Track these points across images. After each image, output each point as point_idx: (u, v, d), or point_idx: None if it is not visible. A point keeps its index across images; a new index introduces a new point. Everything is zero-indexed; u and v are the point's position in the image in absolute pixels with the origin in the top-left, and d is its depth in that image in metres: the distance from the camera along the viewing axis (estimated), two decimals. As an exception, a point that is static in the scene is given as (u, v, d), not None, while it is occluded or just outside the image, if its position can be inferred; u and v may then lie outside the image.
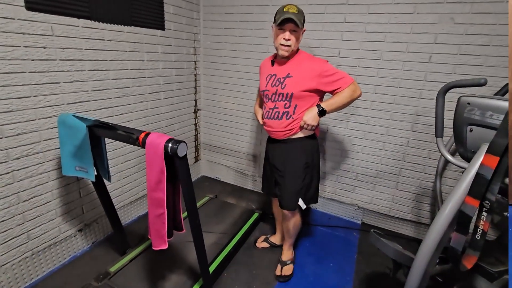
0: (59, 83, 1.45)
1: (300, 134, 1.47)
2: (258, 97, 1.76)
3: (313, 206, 2.42)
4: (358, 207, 2.23)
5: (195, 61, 2.45)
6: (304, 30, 1.41)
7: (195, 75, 2.49)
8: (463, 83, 1.01)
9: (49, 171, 1.49)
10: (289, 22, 1.32)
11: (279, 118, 1.45)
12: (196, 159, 2.78)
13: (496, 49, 1.60)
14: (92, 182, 1.39)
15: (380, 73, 1.90)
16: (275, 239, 1.91)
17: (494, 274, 1.21)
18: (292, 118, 1.43)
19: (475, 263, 0.98)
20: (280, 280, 1.64)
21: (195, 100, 2.57)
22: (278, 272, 1.67)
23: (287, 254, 1.74)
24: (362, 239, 2.04)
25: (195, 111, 2.61)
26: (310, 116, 1.39)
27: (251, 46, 2.27)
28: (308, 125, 1.39)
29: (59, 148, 1.45)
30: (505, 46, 1.58)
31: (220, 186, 2.71)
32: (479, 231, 0.94)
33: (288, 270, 1.68)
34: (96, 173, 1.31)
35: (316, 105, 1.41)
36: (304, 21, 1.37)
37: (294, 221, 1.59)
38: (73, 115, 1.20)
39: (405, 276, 1.09)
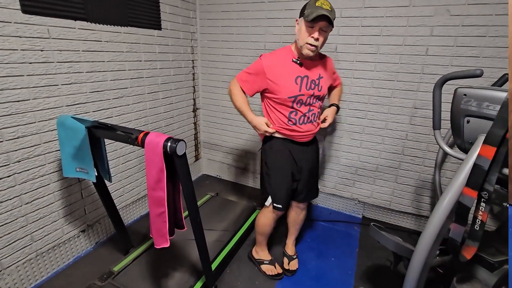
0: (57, 85, 1.45)
1: None
2: (247, 105, 1.38)
3: (314, 201, 2.43)
4: (359, 201, 2.24)
5: (193, 60, 2.45)
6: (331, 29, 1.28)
7: (193, 74, 2.50)
8: (459, 74, 1.01)
9: (50, 173, 1.50)
10: (323, 20, 1.17)
11: (314, 120, 1.41)
12: (197, 157, 2.79)
13: (492, 40, 1.59)
14: (93, 183, 1.40)
15: (378, 67, 1.90)
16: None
17: (494, 264, 1.22)
18: (319, 117, 1.47)
19: (474, 253, 0.99)
20: (288, 274, 1.65)
21: (194, 99, 2.58)
22: (286, 266, 1.69)
23: (292, 248, 1.77)
24: (363, 233, 2.05)
25: (194, 110, 2.61)
26: (333, 115, 1.49)
27: (248, 44, 2.27)
28: (330, 124, 1.47)
29: (59, 150, 1.46)
30: (501, 36, 1.57)
31: (221, 184, 2.72)
32: (478, 221, 0.95)
33: (294, 264, 1.70)
34: (96, 174, 1.32)
35: (334, 105, 1.52)
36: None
37: (305, 212, 1.68)
38: (72, 117, 1.20)
39: (406, 268, 1.10)
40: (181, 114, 2.44)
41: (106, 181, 1.45)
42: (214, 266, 1.59)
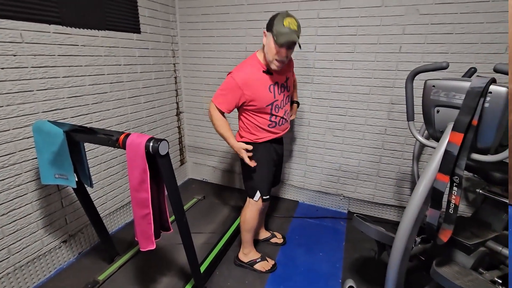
0: (33, 91, 1.41)
1: None
2: (229, 131, 1.41)
3: (300, 199, 2.46)
4: (344, 196, 2.29)
5: (174, 64, 2.44)
6: None
7: (175, 77, 2.48)
8: (428, 67, 1.07)
9: (27, 182, 1.45)
10: (293, 44, 1.26)
11: (289, 118, 1.57)
12: (182, 162, 2.76)
13: (459, 37, 1.70)
14: (74, 189, 1.36)
15: (355, 65, 1.97)
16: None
17: (471, 247, 1.28)
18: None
19: (451, 237, 1.04)
20: (282, 244, 1.90)
21: (177, 103, 2.56)
22: (274, 241, 1.91)
23: (266, 231, 1.94)
24: (349, 228, 2.10)
25: (178, 114, 2.59)
26: (295, 112, 1.76)
27: (230, 46, 2.29)
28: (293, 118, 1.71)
29: (36, 158, 1.41)
30: (467, 33, 1.68)
31: (207, 187, 2.70)
32: (452, 205, 1.01)
33: (279, 236, 1.94)
34: (77, 179, 1.29)
35: (295, 102, 1.74)
36: None
37: None
38: (49, 121, 1.17)
39: (389, 255, 1.14)
40: (164, 118, 2.42)
41: (87, 188, 1.42)
42: (203, 268, 1.58)
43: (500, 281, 1.26)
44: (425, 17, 1.73)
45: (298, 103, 1.76)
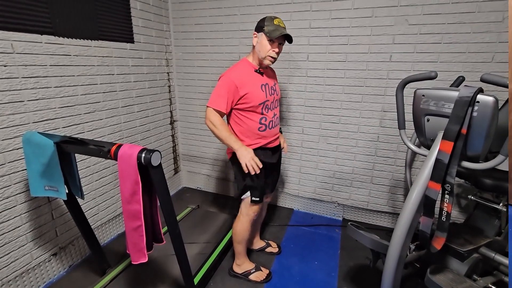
0: (23, 101, 1.39)
1: None
2: (234, 135, 1.43)
3: (295, 207, 2.45)
4: (338, 204, 2.29)
5: (168, 73, 2.44)
6: None
7: (169, 86, 2.49)
8: (417, 77, 1.09)
9: (17, 194, 1.41)
10: (285, 37, 1.37)
11: (278, 123, 1.57)
12: (176, 170, 2.74)
13: (447, 46, 1.74)
14: (64, 201, 1.34)
15: (347, 74, 2.00)
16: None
17: (464, 254, 1.29)
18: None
19: (445, 244, 1.05)
20: (278, 253, 1.89)
21: (171, 111, 2.55)
22: (269, 250, 1.90)
23: (261, 241, 1.92)
24: (344, 235, 2.09)
25: (172, 123, 2.58)
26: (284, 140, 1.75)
27: (223, 55, 2.30)
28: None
29: (26, 169, 1.38)
30: (454, 43, 1.72)
31: (202, 195, 2.68)
32: (444, 213, 1.01)
33: (274, 245, 1.93)
34: (67, 191, 1.26)
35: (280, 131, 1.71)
36: None
37: (267, 205, 1.85)
38: (39, 133, 1.16)
39: (384, 263, 1.14)
40: (158, 127, 2.40)
41: (78, 199, 1.39)
42: (196, 280, 1.55)
43: (494, 288, 1.27)
44: (414, 27, 1.78)
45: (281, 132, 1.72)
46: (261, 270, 1.66)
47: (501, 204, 1.38)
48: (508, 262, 1.23)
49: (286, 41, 1.42)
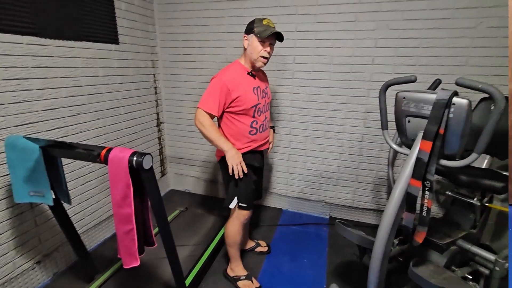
0: (3, 104, 1.34)
1: None
2: (224, 135, 1.43)
3: (284, 207, 2.50)
4: (325, 202, 2.35)
5: (154, 74, 2.42)
6: None
7: (155, 88, 2.46)
8: (398, 80, 1.15)
9: (-2, 200, 1.36)
10: (274, 36, 1.37)
11: (268, 127, 1.58)
12: (163, 173, 2.71)
13: (425, 50, 1.84)
14: (50, 207, 1.30)
15: (333, 76, 2.06)
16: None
17: (443, 247, 1.37)
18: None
19: (426, 238, 1.11)
20: (267, 252, 1.91)
21: (157, 113, 2.53)
22: (259, 249, 1.91)
23: (251, 241, 1.93)
24: (331, 233, 2.15)
25: (158, 125, 2.56)
26: (273, 137, 1.75)
27: (210, 57, 2.31)
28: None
29: (8, 174, 1.33)
30: (432, 47, 1.82)
31: (190, 198, 2.67)
32: (425, 208, 1.08)
33: (263, 245, 1.95)
34: (54, 197, 1.23)
35: (272, 127, 1.73)
36: None
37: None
38: (24, 137, 1.12)
39: (370, 258, 1.19)
40: (145, 129, 2.37)
41: (64, 204, 1.36)
42: (188, 282, 1.55)
43: (470, 277, 1.35)
44: (394, 32, 1.86)
45: (274, 129, 1.76)
46: (252, 282, 1.61)
47: (475, 199, 1.48)
48: (509, 262, 1.30)
49: (277, 41, 1.42)
